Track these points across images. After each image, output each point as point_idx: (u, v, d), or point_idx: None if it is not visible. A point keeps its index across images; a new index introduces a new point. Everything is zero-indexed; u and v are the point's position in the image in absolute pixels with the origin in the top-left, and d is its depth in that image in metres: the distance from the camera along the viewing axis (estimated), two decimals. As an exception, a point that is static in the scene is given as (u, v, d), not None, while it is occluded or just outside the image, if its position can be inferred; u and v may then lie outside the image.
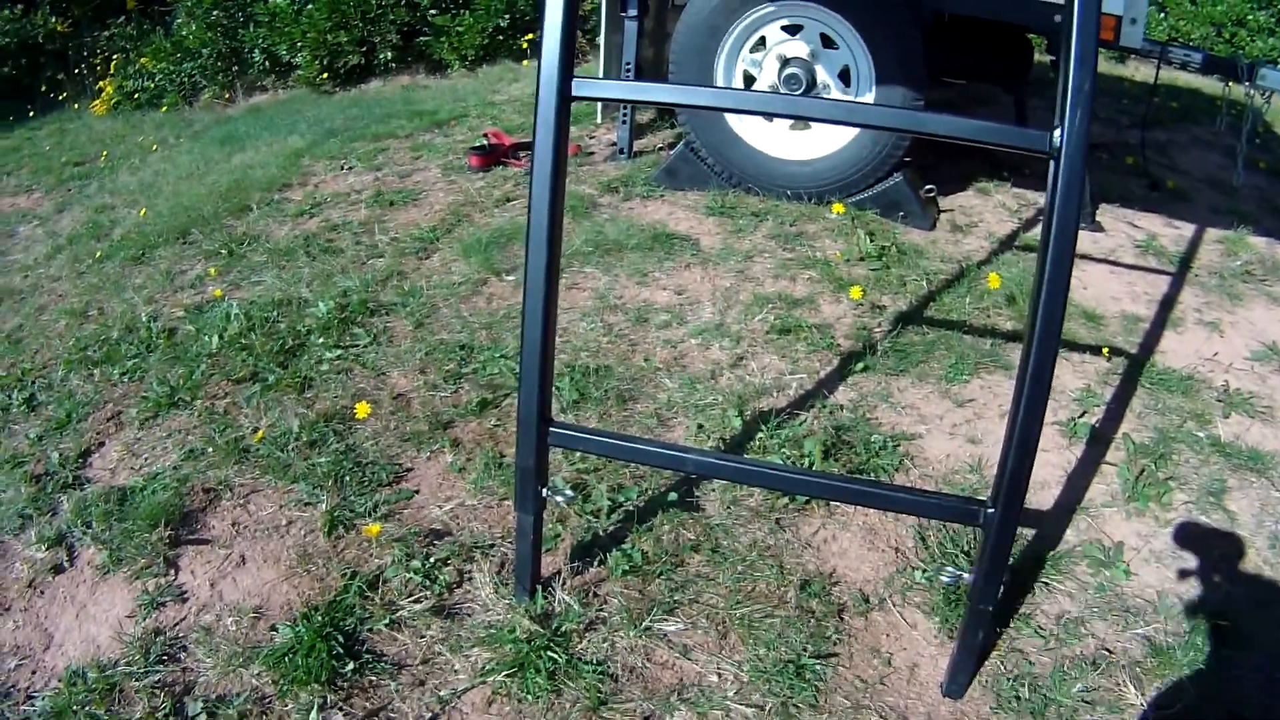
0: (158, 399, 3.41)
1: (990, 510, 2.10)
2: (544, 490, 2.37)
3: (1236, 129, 6.00)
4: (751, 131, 4.67)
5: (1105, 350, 3.70)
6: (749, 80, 4.66)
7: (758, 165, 4.68)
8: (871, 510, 2.86)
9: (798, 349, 3.60)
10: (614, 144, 5.45)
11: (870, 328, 3.75)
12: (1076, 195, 1.87)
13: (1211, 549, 2.87)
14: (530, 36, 5.04)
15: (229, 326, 3.79)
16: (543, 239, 2.09)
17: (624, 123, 5.24)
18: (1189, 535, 2.91)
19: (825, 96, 4.55)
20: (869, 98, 4.46)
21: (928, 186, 4.71)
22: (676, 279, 4.05)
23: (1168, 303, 4.21)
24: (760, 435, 3.12)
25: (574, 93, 2.06)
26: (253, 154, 6.19)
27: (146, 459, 3.18)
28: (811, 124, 4.63)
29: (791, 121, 4.65)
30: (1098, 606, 2.63)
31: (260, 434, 3.16)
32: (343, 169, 5.58)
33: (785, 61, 4.54)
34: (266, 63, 7.56)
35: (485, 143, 5.36)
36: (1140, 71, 9.01)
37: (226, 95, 7.70)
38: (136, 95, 8.87)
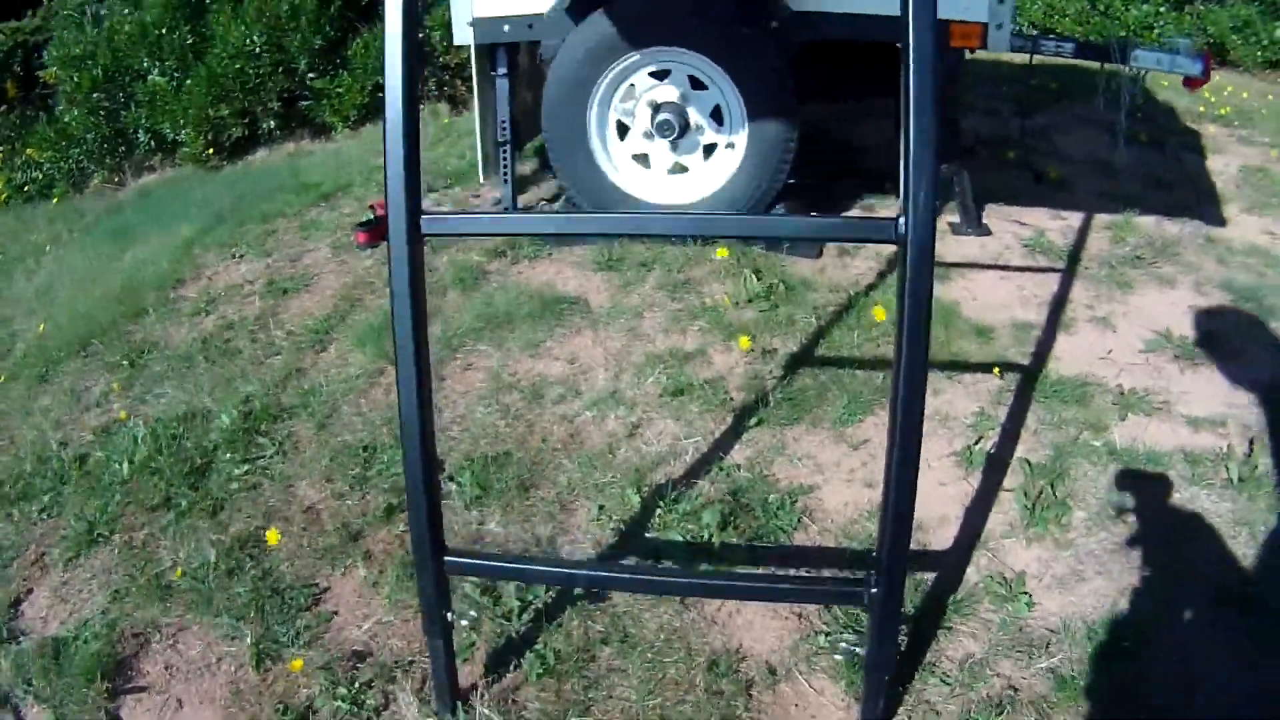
0: (78, 536, 3.35)
1: (874, 590, 2.13)
2: (449, 615, 2.39)
3: (1116, 104, 6.12)
4: (630, 181, 4.68)
5: (996, 370, 3.75)
6: (623, 129, 4.66)
7: (637, 213, 4.70)
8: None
9: (691, 410, 3.61)
10: (499, 201, 5.42)
11: (762, 375, 3.77)
12: (928, 276, 1.87)
13: (1112, 567, 2.92)
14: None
15: (137, 451, 3.71)
16: (413, 398, 2.08)
17: (506, 181, 5.21)
18: (1090, 555, 2.96)
19: (699, 138, 4.58)
20: (742, 135, 4.49)
21: (811, 214, 4.75)
22: (568, 346, 4.05)
23: (1059, 303, 4.29)
24: (659, 512, 3.12)
25: (425, 231, 2.04)
26: (144, 248, 6.05)
27: (75, 604, 3.12)
28: (689, 167, 4.66)
29: (670, 165, 4.68)
30: (1002, 644, 2.67)
31: (180, 570, 3.12)
32: (234, 257, 5.48)
33: (657, 107, 4.55)
34: (152, 142, 7.44)
35: (371, 216, 5.30)
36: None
37: (116, 178, 7.56)
38: (26, 188, 8.65)
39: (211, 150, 7.35)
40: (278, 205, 6.04)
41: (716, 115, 4.57)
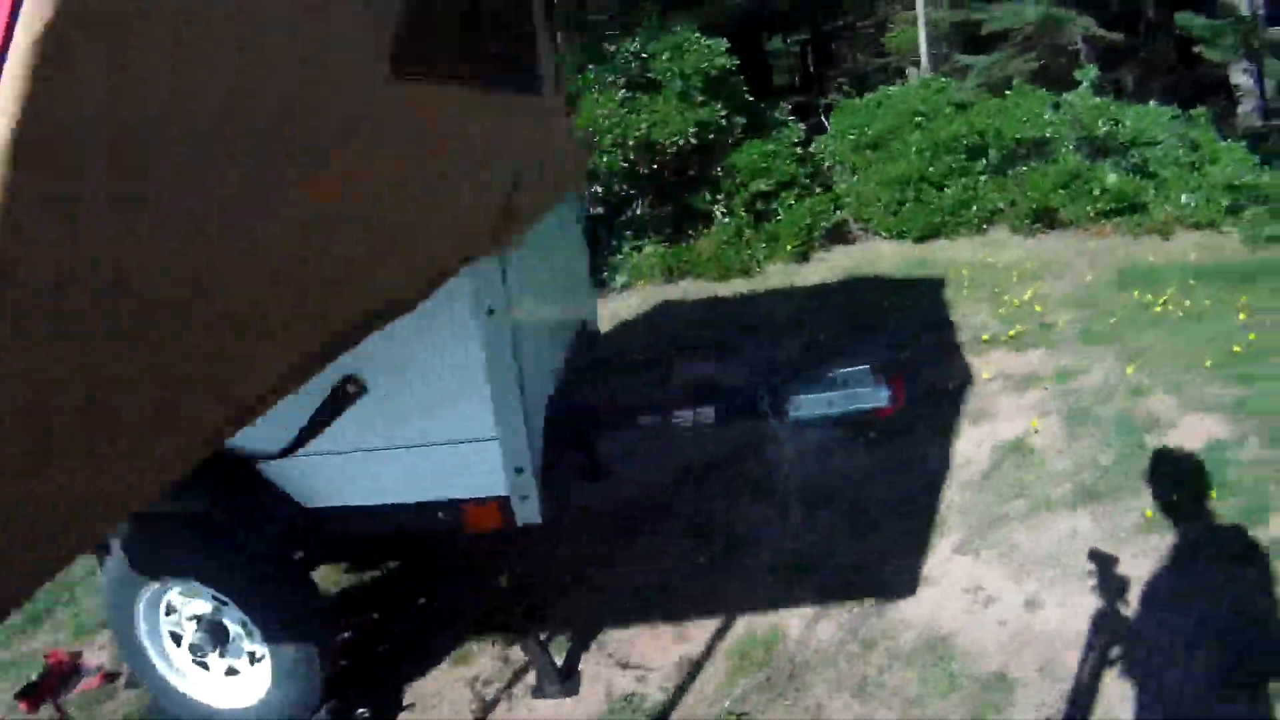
0: None
1: None
2: None
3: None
4: (190, 684, 4.61)
5: None
6: (177, 638, 4.64)
7: (206, 716, 4.70)
8: None
9: None
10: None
11: None
12: None
13: None
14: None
15: None
16: None
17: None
18: None
19: (242, 645, 4.52)
20: (266, 648, 4.40)
21: (360, 710, 4.63)
22: None
23: None
24: None
25: None
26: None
27: None
28: (240, 670, 4.61)
29: (226, 668, 4.65)
30: None
31: None
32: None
33: (198, 620, 4.52)
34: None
35: (40, 673, 5.29)
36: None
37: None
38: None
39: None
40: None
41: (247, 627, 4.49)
